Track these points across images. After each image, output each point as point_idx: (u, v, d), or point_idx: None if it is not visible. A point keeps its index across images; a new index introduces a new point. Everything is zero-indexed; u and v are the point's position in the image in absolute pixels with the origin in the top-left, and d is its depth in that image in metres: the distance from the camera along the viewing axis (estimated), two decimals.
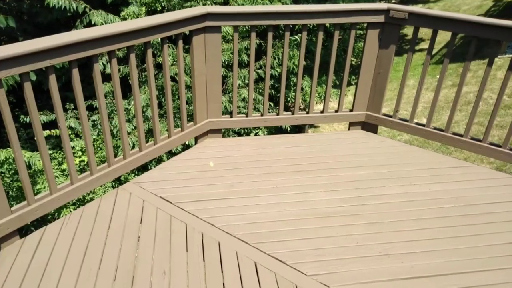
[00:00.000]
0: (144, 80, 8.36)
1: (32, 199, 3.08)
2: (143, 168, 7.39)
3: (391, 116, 4.41)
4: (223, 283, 2.71)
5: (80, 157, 7.24)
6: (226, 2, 8.66)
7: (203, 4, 8.19)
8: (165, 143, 3.92)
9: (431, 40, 3.97)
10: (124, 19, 8.01)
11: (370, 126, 4.57)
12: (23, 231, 5.65)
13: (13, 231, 2.99)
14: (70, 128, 7.79)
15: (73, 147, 7.23)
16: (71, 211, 6.07)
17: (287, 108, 10.39)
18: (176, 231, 3.12)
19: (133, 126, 7.92)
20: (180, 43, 3.71)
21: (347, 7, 4.02)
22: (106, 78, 7.09)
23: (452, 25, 3.80)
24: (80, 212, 3.33)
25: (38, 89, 8.48)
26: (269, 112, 5.25)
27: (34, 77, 5.37)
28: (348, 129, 4.69)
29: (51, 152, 7.43)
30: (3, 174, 6.43)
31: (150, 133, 7.96)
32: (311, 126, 12.31)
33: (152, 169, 3.91)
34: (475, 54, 3.89)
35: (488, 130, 3.94)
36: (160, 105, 8.18)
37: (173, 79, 7.91)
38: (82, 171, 7.02)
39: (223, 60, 8.16)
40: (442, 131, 4.18)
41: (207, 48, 3.86)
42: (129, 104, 8.12)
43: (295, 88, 4.84)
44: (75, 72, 3.06)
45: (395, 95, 9.05)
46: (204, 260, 2.88)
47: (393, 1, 21.08)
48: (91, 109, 8.31)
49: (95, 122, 8.28)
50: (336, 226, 3.19)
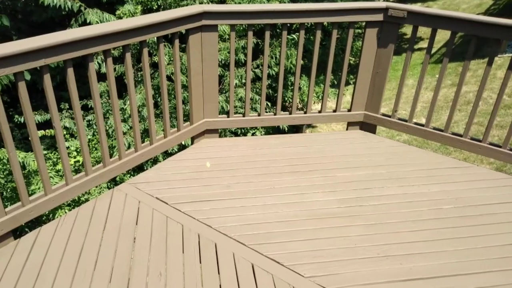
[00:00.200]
0: (140, 79, 8.35)
1: (26, 200, 3.07)
2: (139, 169, 7.38)
3: (389, 116, 4.42)
4: (220, 285, 2.71)
5: (75, 157, 7.23)
6: (222, 1, 8.65)
7: (200, 3, 8.18)
8: (161, 143, 3.92)
9: (430, 39, 3.98)
10: (120, 17, 8.00)
11: (368, 126, 4.57)
12: (18, 232, 5.65)
13: (7, 232, 2.99)
14: (65, 128, 7.78)
15: (68, 147, 7.23)
16: (66, 212, 6.07)
17: (284, 108, 10.39)
18: (172, 232, 3.12)
19: (128, 126, 7.92)
20: (176, 42, 3.71)
21: (345, 6, 4.02)
22: (102, 77, 7.10)
23: (451, 24, 3.81)
24: (75, 213, 3.32)
25: (33, 88, 8.45)
26: (266, 112, 5.25)
27: (28, 76, 5.37)
28: (346, 129, 4.69)
29: (45, 152, 7.42)
30: None
31: (146, 133, 7.95)
32: (309, 126, 12.31)
33: (148, 169, 3.91)
34: (474, 53, 3.89)
35: (488, 130, 3.95)
36: (156, 104, 8.17)
37: (169, 78, 7.90)
38: (77, 171, 7.02)
39: (220, 59, 8.16)
40: (442, 131, 4.19)
41: (204, 47, 3.86)
42: (124, 104, 8.10)
43: (292, 87, 4.84)
44: (70, 72, 3.06)
45: (394, 94, 9.04)
46: (200, 262, 2.88)
47: None
48: (86, 109, 8.30)
49: (90, 122, 8.27)
50: (334, 227, 3.19)
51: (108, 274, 2.78)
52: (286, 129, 9.43)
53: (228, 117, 4.34)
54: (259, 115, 4.42)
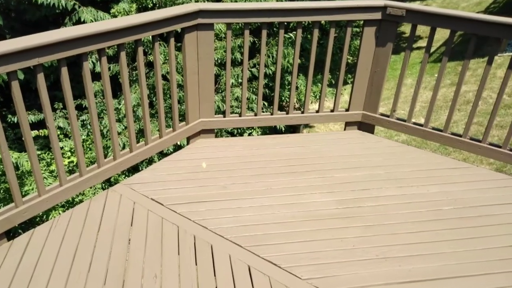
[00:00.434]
0: (135, 79, 8.34)
1: (20, 201, 3.07)
2: (134, 169, 7.39)
3: (388, 116, 4.42)
4: (216, 287, 2.71)
5: (69, 158, 7.23)
6: None
7: (195, 1, 8.18)
8: (156, 143, 3.92)
9: (429, 38, 3.98)
10: (114, 16, 8.00)
11: (366, 126, 4.57)
12: (11, 234, 5.64)
13: (0, 233, 2.99)
14: (59, 128, 7.77)
15: (62, 148, 7.22)
16: (60, 213, 6.07)
17: (281, 108, 10.39)
18: (167, 234, 3.12)
19: (123, 126, 7.91)
20: (172, 41, 3.70)
21: (343, 4, 4.03)
22: (96, 76, 7.08)
23: (450, 22, 3.81)
24: (69, 214, 3.32)
25: (26, 88, 8.44)
26: (263, 111, 5.26)
27: (22, 75, 5.37)
28: (344, 129, 4.69)
29: (39, 152, 7.42)
30: None
31: (141, 133, 7.94)
32: (306, 126, 12.32)
33: (143, 170, 3.91)
34: (474, 52, 3.90)
35: (488, 130, 3.95)
36: (151, 104, 8.16)
37: (164, 78, 7.89)
38: (71, 172, 7.01)
39: (216, 59, 8.16)
40: (441, 131, 4.19)
41: (200, 46, 3.86)
42: (119, 104, 8.09)
43: (289, 87, 4.85)
44: (64, 71, 3.06)
45: (392, 94, 9.05)
46: (196, 264, 2.88)
47: None
48: (80, 108, 8.29)
49: (85, 122, 8.26)
50: (331, 228, 3.19)
51: (103, 276, 2.77)
52: (283, 129, 9.43)
53: (224, 117, 4.34)
54: (255, 115, 4.42)
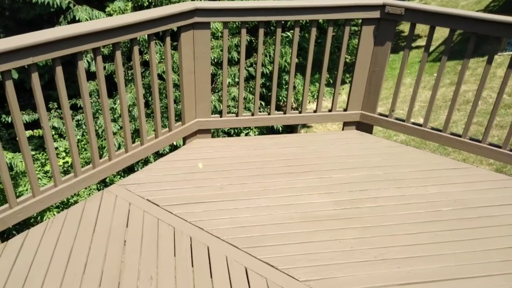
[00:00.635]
0: (130, 78, 8.34)
1: (14, 201, 3.06)
2: (129, 170, 7.37)
3: (386, 116, 4.43)
4: None
5: (64, 158, 7.22)
6: None
7: None
8: (152, 143, 3.92)
9: (429, 36, 3.99)
10: (110, 15, 7.99)
11: (365, 126, 4.58)
12: (5, 235, 5.63)
13: None
14: (54, 128, 7.76)
15: (56, 148, 7.21)
16: (54, 214, 6.05)
17: (278, 108, 10.38)
18: (163, 235, 3.12)
19: (119, 126, 7.91)
20: (168, 40, 3.71)
21: (341, 3, 4.03)
22: (91, 76, 7.07)
23: (450, 21, 3.82)
24: (64, 215, 3.32)
25: (20, 87, 8.42)
26: (260, 111, 5.25)
27: (16, 75, 5.37)
28: (342, 129, 4.70)
29: (33, 153, 7.40)
30: None
31: (137, 133, 7.94)
32: (304, 126, 12.33)
33: (139, 170, 3.90)
34: (474, 51, 3.91)
35: (488, 130, 3.96)
36: (147, 104, 8.17)
37: (160, 77, 7.90)
38: (66, 172, 7.00)
39: (213, 58, 8.16)
40: (440, 131, 4.20)
41: (196, 45, 3.86)
42: (114, 103, 8.09)
43: (287, 86, 4.84)
44: (59, 70, 3.06)
45: (391, 94, 9.06)
46: (192, 265, 2.88)
47: None
48: (75, 108, 8.28)
49: (80, 122, 8.25)
50: (329, 230, 3.20)
51: (98, 277, 2.77)
52: (281, 129, 9.44)
53: (221, 116, 4.34)
54: (252, 114, 4.42)
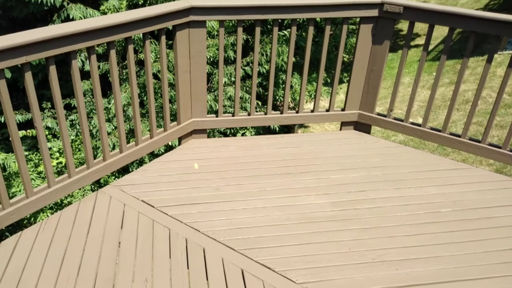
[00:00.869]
0: (125, 77, 8.34)
1: (7, 203, 3.06)
2: (124, 171, 7.38)
3: (385, 116, 4.44)
4: None
5: (57, 158, 7.22)
6: None
7: None
8: (147, 144, 3.92)
9: (428, 35, 3.99)
10: (104, 13, 7.98)
11: (363, 126, 4.59)
12: None
13: None
14: (47, 128, 7.75)
15: (50, 148, 7.20)
16: (48, 216, 6.05)
17: (275, 107, 10.41)
18: (158, 237, 3.12)
19: (113, 126, 7.90)
20: (163, 38, 3.70)
21: (339, 1, 4.02)
22: (85, 75, 7.08)
23: (449, 19, 3.82)
24: (57, 216, 3.31)
25: (13, 87, 8.42)
26: (256, 111, 5.27)
27: (9, 74, 5.36)
28: (340, 129, 4.70)
29: (27, 153, 7.40)
30: None
31: (131, 133, 7.94)
32: (301, 126, 12.34)
33: (134, 171, 3.90)
34: (473, 50, 3.91)
35: (487, 130, 3.97)
36: (142, 104, 8.16)
37: (155, 76, 7.90)
38: (59, 173, 7.00)
39: (208, 57, 8.16)
40: (439, 131, 4.20)
41: (192, 44, 3.86)
42: (109, 103, 8.09)
43: (284, 86, 4.85)
44: (52, 69, 3.05)
45: (389, 93, 9.07)
46: (188, 267, 2.88)
47: None
48: (69, 108, 8.27)
49: (74, 122, 8.24)
50: (327, 231, 3.20)
51: (92, 279, 2.77)
52: (277, 129, 9.45)
53: (217, 116, 4.34)
54: (249, 114, 4.42)
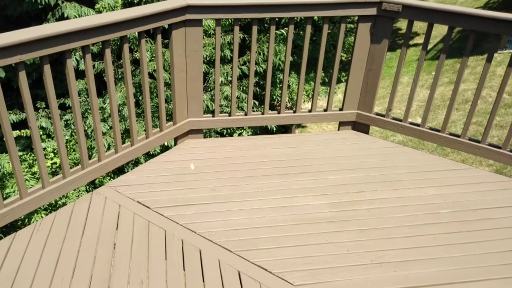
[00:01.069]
0: (120, 77, 8.33)
1: (0, 204, 3.05)
2: (119, 171, 7.37)
3: (383, 116, 4.44)
4: None
5: (52, 159, 7.21)
6: None
7: None
8: (142, 144, 3.92)
9: (427, 34, 4.00)
10: (99, 11, 7.97)
11: (361, 126, 4.59)
12: None
13: None
14: (42, 128, 7.74)
15: (44, 149, 7.19)
16: (42, 217, 6.04)
17: (272, 107, 10.40)
18: (154, 238, 3.12)
19: (108, 126, 7.89)
20: (159, 37, 3.70)
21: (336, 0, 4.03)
22: (80, 74, 7.06)
23: (448, 18, 3.83)
24: (52, 217, 3.31)
25: (7, 86, 8.41)
26: (253, 111, 5.27)
27: (2, 73, 5.35)
28: (338, 129, 4.70)
29: (21, 153, 7.39)
30: None
31: (127, 133, 7.93)
32: (298, 126, 12.33)
33: (129, 172, 3.90)
34: (473, 49, 3.92)
35: (487, 130, 3.97)
36: (138, 103, 8.15)
37: (151, 76, 7.89)
38: (54, 174, 6.99)
39: (205, 56, 8.15)
40: (438, 131, 4.21)
41: (188, 43, 3.86)
42: (104, 103, 8.08)
43: (281, 85, 4.84)
44: (47, 69, 3.05)
45: (388, 93, 9.08)
46: (184, 269, 2.88)
47: None
48: (63, 108, 8.26)
49: (68, 122, 8.23)
50: (324, 232, 3.20)
51: (87, 281, 2.77)
52: (275, 129, 9.44)
53: (213, 116, 4.34)
54: (246, 114, 4.43)
